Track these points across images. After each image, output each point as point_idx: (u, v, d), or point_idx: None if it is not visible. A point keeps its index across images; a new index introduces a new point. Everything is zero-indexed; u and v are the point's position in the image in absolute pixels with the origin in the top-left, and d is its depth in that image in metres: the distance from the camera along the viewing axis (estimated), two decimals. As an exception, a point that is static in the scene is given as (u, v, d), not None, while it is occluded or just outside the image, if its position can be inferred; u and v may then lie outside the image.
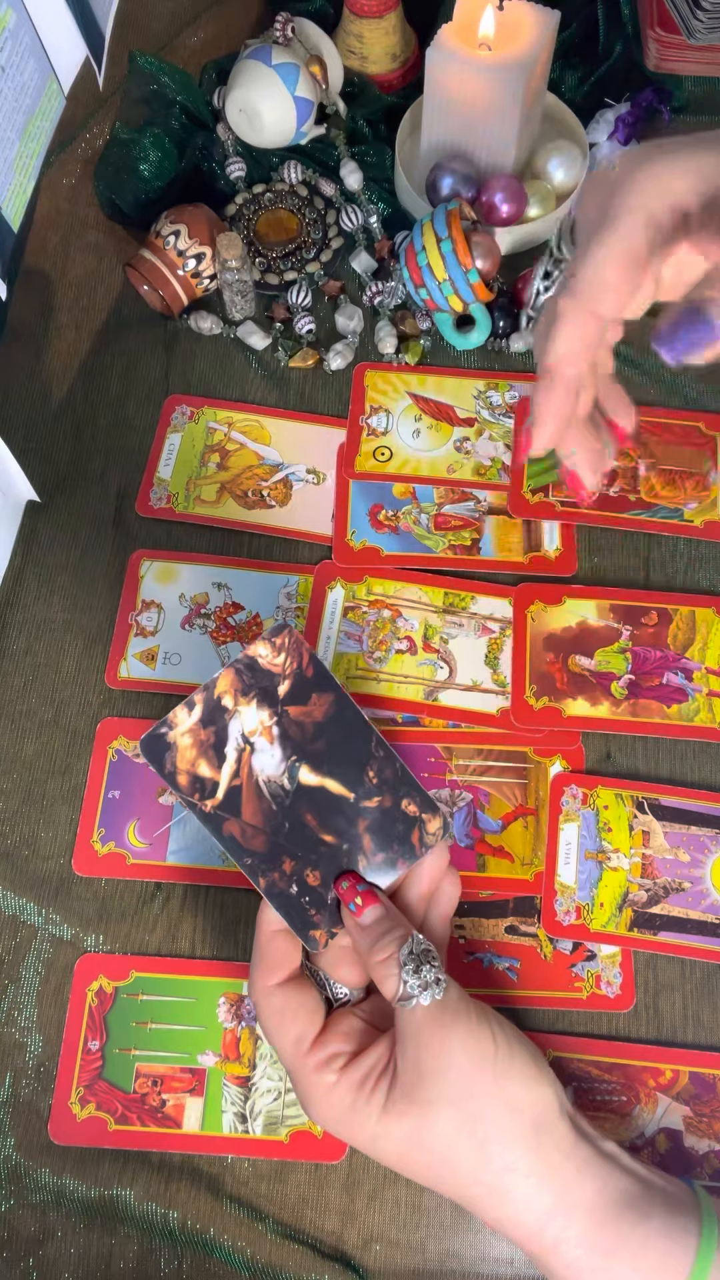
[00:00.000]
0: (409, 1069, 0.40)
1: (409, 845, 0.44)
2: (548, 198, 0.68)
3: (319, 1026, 0.42)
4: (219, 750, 0.43)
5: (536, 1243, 0.39)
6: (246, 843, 0.42)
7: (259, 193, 0.70)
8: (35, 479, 0.60)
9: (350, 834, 0.43)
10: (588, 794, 0.53)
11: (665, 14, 0.73)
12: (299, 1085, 0.42)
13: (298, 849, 0.43)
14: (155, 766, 0.42)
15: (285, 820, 0.43)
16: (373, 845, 0.44)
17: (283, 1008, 0.42)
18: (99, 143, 0.72)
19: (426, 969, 0.40)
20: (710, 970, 0.50)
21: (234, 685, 0.43)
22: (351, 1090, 0.40)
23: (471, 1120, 0.39)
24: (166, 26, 0.79)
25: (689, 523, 0.59)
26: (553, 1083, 0.41)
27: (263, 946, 0.43)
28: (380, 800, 0.44)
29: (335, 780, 0.44)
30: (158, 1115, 0.47)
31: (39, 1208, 0.46)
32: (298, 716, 0.43)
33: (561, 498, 0.60)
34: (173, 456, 0.62)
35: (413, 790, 0.44)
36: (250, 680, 0.43)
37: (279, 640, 0.43)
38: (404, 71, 0.74)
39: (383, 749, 0.44)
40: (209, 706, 0.43)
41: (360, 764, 0.44)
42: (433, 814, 0.44)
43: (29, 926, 0.51)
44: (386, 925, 0.42)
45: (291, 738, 0.43)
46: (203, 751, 0.42)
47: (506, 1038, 0.41)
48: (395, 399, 0.63)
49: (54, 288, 0.68)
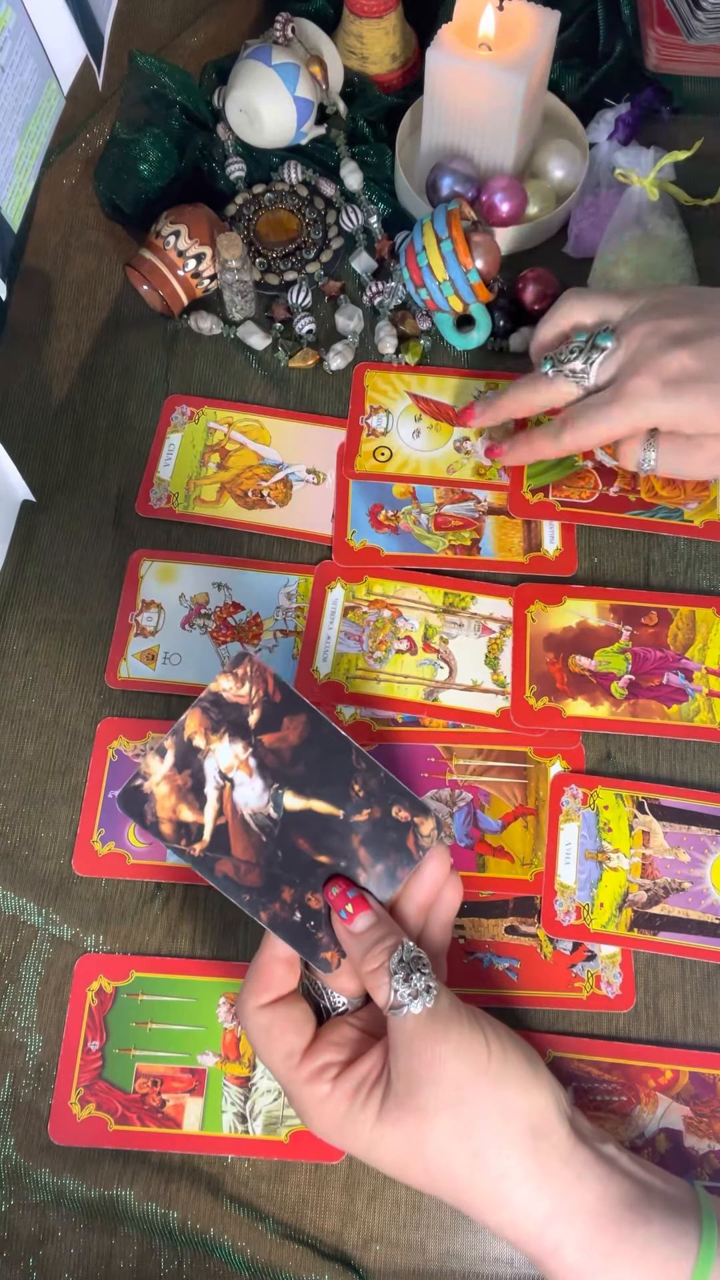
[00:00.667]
0: (402, 1077, 0.39)
1: (405, 852, 0.44)
2: (548, 197, 0.68)
3: (308, 1039, 0.42)
4: (198, 792, 0.42)
5: (536, 1247, 0.39)
6: (241, 879, 0.42)
7: (259, 193, 0.70)
8: (35, 479, 0.60)
9: (345, 851, 0.43)
10: (588, 794, 0.53)
11: (665, 14, 0.73)
12: (293, 1099, 0.41)
13: (295, 876, 0.42)
14: (136, 820, 0.41)
15: (277, 849, 0.42)
16: (370, 858, 0.43)
17: (269, 1025, 0.42)
18: (99, 143, 0.72)
19: (417, 977, 0.40)
20: (710, 970, 0.50)
21: (203, 724, 0.42)
22: (345, 1100, 0.40)
23: (466, 1127, 0.39)
24: (166, 26, 0.79)
25: (689, 523, 0.59)
26: (550, 1086, 0.41)
27: (260, 969, 0.42)
28: (370, 812, 0.43)
29: (321, 800, 0.43)
30: (158, 1115, 0.47)
31: (39, 1208, 0.46)
32: (273, 744, 0.43)
33: (562, 497, 0.60)
34: (173, 456, 0.62)
35: (401, 796, 0.44)
36: (218, 716, 0.42)
37: (240, 670, 0.42)
38: (404, 71, 0.74)
39: (364, 760, 0.43)
40: (181, 750, 0.42)
41: (344, 779, 0.43)
42: (424, 816, 0.44)
43: (29, 926, 0.51)
44: (378, 934, 0.41)
45: (269, 766, 0.42)
46: (182, 796, 0.42)
47: (501, 1043, 0.40)
48: (395, 399, 0.63)
49: (54, 288, 0.68)
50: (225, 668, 0.42)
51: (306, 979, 0.44)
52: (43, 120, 0.55)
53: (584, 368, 0.54)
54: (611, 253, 0.65)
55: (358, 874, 0.43)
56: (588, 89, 0.73)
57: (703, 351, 0.50)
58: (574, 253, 0.68)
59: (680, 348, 0.51)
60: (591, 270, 0.66)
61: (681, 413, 0.51)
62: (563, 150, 0.68)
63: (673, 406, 0.51)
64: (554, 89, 0.71)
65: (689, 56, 0.73)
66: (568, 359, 0.54)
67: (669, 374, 0.51)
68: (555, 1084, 0.41)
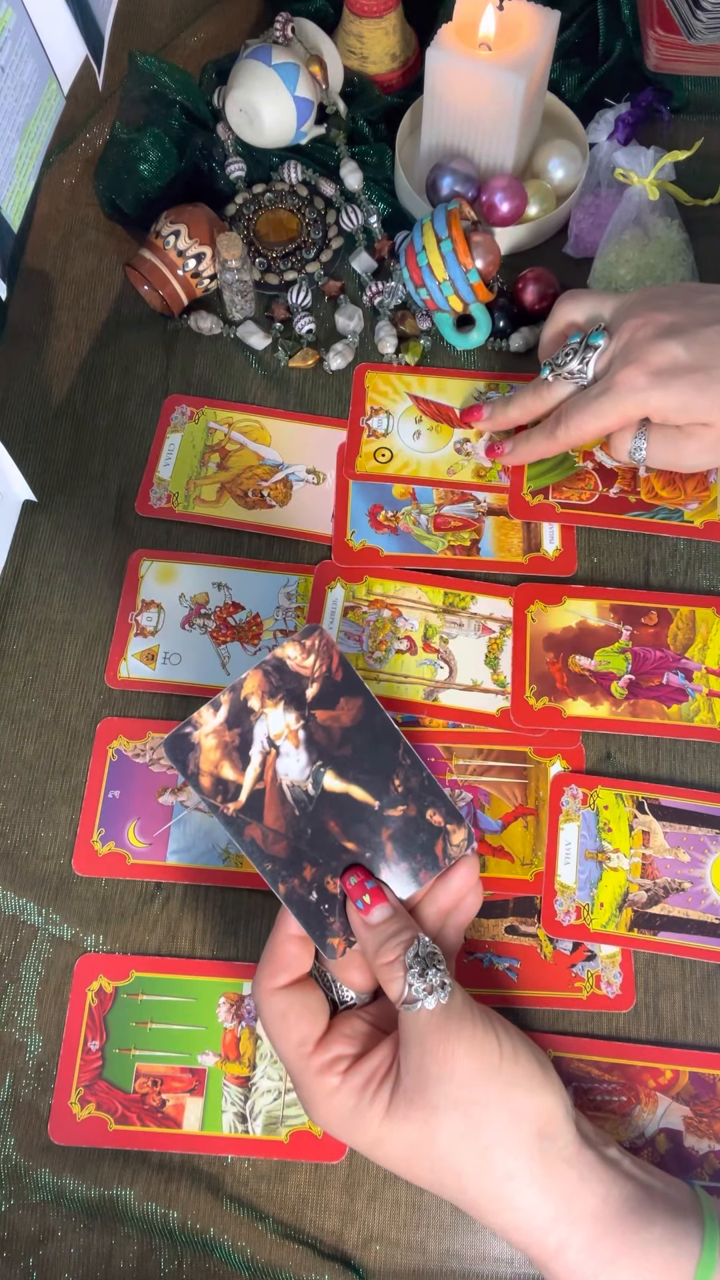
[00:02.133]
0: (412, 1073, 0.39)
1: (432, 856, 0.43)
2: (548, 197, 0.68)
3: (322, 1029, 0.42)
4: (243, 753, 0.42)
5: (539, 1249, 0.39)
6: (268, 847, 0.42)
7: (259, 193, 0.70)
8: (35, 479, 0.60)
9: (373, 842, 0.43)
10: (588, 794, 0.53)
11: (665, 14, 0.73)
12: (301, 1088, 0.41)
13: (319, 855, 0.42)
14: (179, 766, 0.41)
15: (308, 826, 0.42)
16: (395, 854, 0.43)
17: (286, 1010, 0.42)
18: (99, 143, 0.72)
19: (432, 972, 0.40)
20: (710, 970, 0.50)
21: (261, 687, 0.42)
22: (354, 1094, 0.40)
23: (475, 1127, 0.39)
24: (166, 26, 0.79)
25: (689, 523, 0.59)
26: (558, 1089, 0.41)
27: (274, 949, 0.42)
28: (405, 809, 0.43)
29: (360, 787, 0.43)
30: (158, 1115, 0.47)
31: (39, 1208, 0.46)
32: (325, 721, 0.43)
33: (562, 499, 0.60)
34: (172, 456, 0.62)
35: (438, 800, 0.44)
36: (278, 682, 0.42)
37: (309, 642, 0.42)
38: (404, 71, 0.74)
39: (410, 757, 0.43)
40: (235, 708, 0.42)
41: (386, 771, 0.43)
42: (458, 825, 0.44)
43: (29, 926, 0.51)
44: (394, 926, 0.41)
45: (318, 742, 0.43)
46: (227, 753, 0.42)
47: (512, 1044, 0.40)
48: (396, 400, 0.63)
49: (54, 288, 0.68)
50: (295, 636, 0.42)
51: (316, 970, 0.44)
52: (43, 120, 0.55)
53: (580, 368, 0.55)
54: (611, 253, 0.65)
55: (380, 868, 0.43)
56: (588, 89, 0.73)
57: (692, 342, 0.51)
58: (574, 253, 0.68)
59: (670, 339, 0.51)
60: (591, 270, 0.66)
61: (670, 402, 0.52)
62: (563, 150, 0.68)
63: (661, 396, 0.52)
64: (554, 89, 0.71)
65: (689, 56, 0.73)
66: (565, 361, 0.55)
67: (658, 365, 0.51)
68: (562, 1087, 0.41)
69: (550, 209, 0.68)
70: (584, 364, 0.55)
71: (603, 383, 0.54)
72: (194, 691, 0.55)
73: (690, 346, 0.51)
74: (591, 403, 0.54)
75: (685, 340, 0.51)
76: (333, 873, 0.42)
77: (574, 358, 0.55)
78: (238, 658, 0.56)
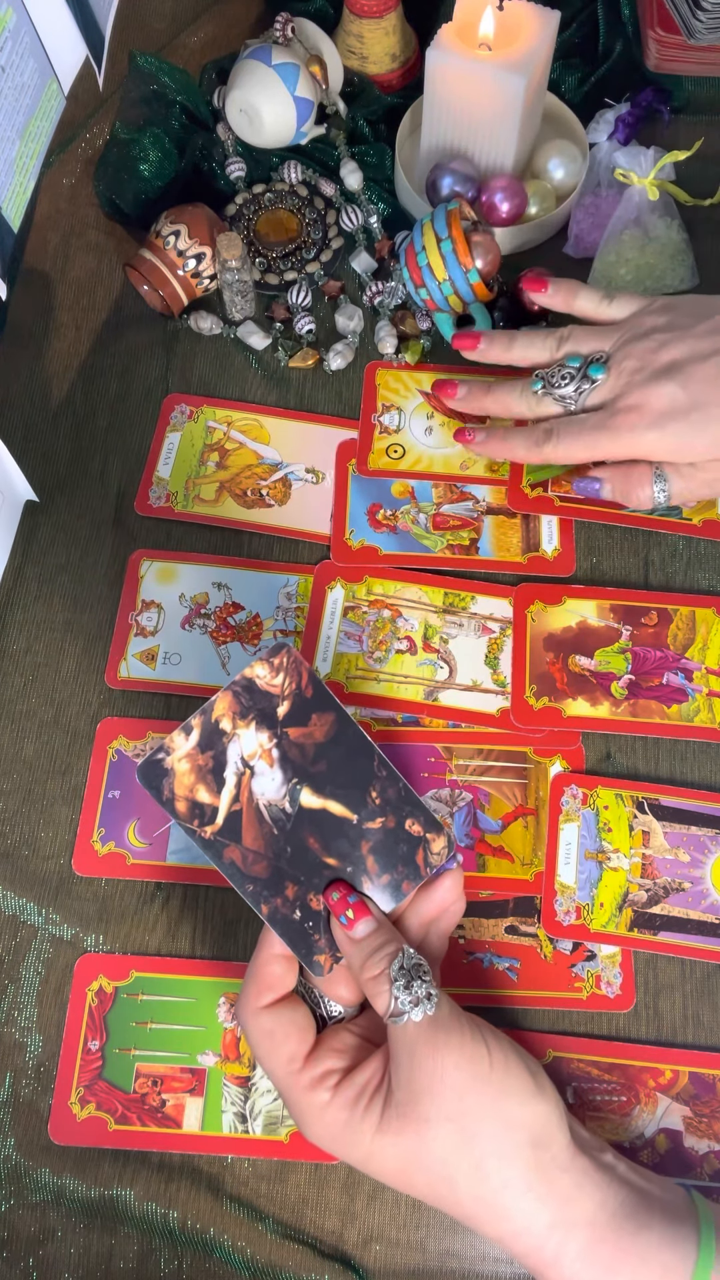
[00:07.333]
0: (402, 1086, 0.39)
1: (413, 866, 0.43)
2: (548, 197, 0.68)
3: (310, 1044, 0.42)
4: (218, 775, 0.42)
5: (536, 1257, 0.39)
6: (247, 868, 0.42)
7: (259, 193, 0.70)
8: (35, 479, 0.60)
9: (353, 856, 0.43)
10: (588, 794, 0.53)
11: (665, 14, 0.73)
12: (292, 1105, 0.41)
13: (300, 873, 0.42)
14: (153, 794, 0.41)
15: (287, 844, 0.42)
16: (376, 867, 0.43)
17: (272, 1028, 0.41)
18: (99, 143, 0.72)
19: (418, 984, 0.40)
20: (710, 970, 0.50)
21: (232, 708, 0.42)
22: (345, 1108, 0.40)
23: (468, 1138, 0.39)
24: (166, 26, 0.79)
25: (688, 521, 0.59)
26: (551, 1096, 0.40)
27: (259, 969, 0.42)
28: (384, 821, 0.43)
29: (337, 802, 0.43)
30: (158, 1115, 0.47)
31: (39, 1208, 0.46)
32: (298, 738, 0.42)
33: (560, 493, 0.60)
34: (172, 456, 0.62)
35: (416, 810, 0.44)
36: (248, 702, 0.42)
37: (277, 660, 0.42)
38: (404, 71, 0.74)
39: (385, 768, 0.43)
40: (207, 730, 0.42)
41: (363, 785, 0.43)
42: (437, 833, 0.44)
43: (29, 926, 0.51)
44: (378, 940, 0.41)
45: (292, 760, 0.42)
46: (201, 777, 0.42)
47: (502, 1052, 0.40)
48: (407, 397, 0.64)
49: (54, 288, 0.68)
50: (262, 655, 0.42)
51: (302, 986, 0.44)
52: (43, 120, 0.55)
53: (574, 395, 0.55)
54: (611, 253, 0.65)
55: (362, 882, 0.43)
56: (588, 89, 0.73)
57: (689, 380, 0.52)
58: (574, 253, 0.68)
59: (668, 380, 0.52)
60: (591, 270, 0.66)
61: (667, 444, 0.53)
62: (563, 150, 0.68)
63: (657, 437, 0.53)
64: (554, 89, 0.71)
65: (689, 56, 0.73)
66: (559, 384, 0.56)
67: (658, 408, 0.52)
68: (555, 1093, 0.41)
69: (550, 209, 0.68)
70: (579, 393, 0.55)
71: (601, 416, 0.54)
72: (194, 691, 0.55)
73: (687, 385, 0.52)
74: (588, 433, 0.55)
75: (683, 379, 0.52)
76: (315, 890, 0.42)
77: (570, 383, 0.55)
78: (238, 658, 0.56)
